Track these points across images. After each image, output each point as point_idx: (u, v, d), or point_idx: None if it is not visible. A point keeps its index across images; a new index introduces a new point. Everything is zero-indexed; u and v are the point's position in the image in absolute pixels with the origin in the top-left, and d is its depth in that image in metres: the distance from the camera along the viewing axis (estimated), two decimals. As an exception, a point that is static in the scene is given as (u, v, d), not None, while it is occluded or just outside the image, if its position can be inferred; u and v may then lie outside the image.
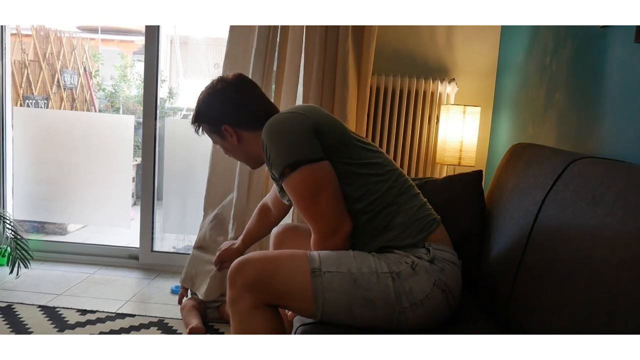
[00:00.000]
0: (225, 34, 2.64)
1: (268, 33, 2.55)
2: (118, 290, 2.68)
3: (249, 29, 2.60)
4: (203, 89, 1.63)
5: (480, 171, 1.83)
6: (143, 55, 2.88)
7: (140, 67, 5.72)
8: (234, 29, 2.60)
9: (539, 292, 1.31)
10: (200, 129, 1.64)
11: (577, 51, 1.83)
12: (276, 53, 2.60)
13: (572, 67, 1.87)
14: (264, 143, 1.42)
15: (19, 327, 2.18)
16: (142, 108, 2.94)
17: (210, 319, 2.38)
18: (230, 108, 1.56)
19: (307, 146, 1.37)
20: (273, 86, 2.64)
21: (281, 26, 2.57)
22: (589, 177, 1.28)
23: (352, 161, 1.42)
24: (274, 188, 1.85)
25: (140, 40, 8.54)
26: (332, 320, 1.35)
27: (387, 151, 2.73)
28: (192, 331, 2.21)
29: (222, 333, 2.27)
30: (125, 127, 3.10)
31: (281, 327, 1.39)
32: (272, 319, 1.36)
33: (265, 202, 1.95)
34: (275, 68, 2.64)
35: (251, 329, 1.33)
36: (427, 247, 1.39)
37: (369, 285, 1.32)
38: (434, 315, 1.37)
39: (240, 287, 1.32)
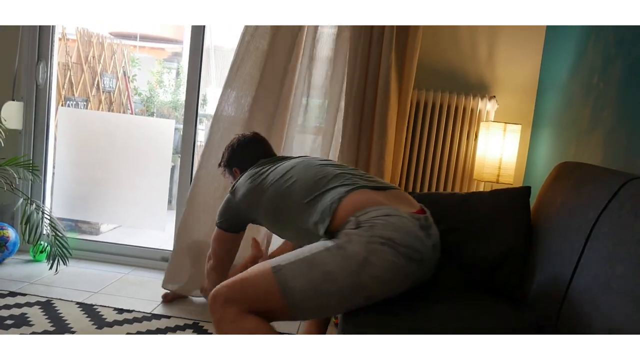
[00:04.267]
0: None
1: (310, 42, 2.60)
2: (152, 291, 2.72)
3: (285, 40, 2.64)
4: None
5: (529, 187, 1.83)
6: (173, 63, 2.94)
7: (171, 75, 5.84)
8: (274, 42, 2.64)
9: (590, 314, 1.30)
10: (226, 172, 2.26)
11: (628, 70, 1.83)
12: (317, 64, 2.66)
13: (621, 86, 1.86)
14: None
15: (59, 322, 2.22)
16: (175, 114, 3.00)
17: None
18: (234, 158, 2.20)
19: (223, 218, 2.08)
20: (304, 99, 2.69)
21: (324, 37, 2.62)
22: (648, 197, 1.28)
23: (262, 209, 1.86)
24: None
25: (171, 48, 8.72)
26: (306, 312, 1.46)
27: (425, 165, 2.74)
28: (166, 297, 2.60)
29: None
30: (165, 131, 3.16)
31: (271, 327, 1.46)
32: (260, 321, 1.45)
33: None
34: (312, 80, 2.69)
35: (244, 332, 1.42)
36: (351, 218, 1.52)
37: (323, 260, 1.44)
38: (393, 269, 1.44)
39: (220, 306, 1.46)
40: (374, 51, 2.57)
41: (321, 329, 2.02)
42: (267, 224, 1.89)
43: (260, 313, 1.45)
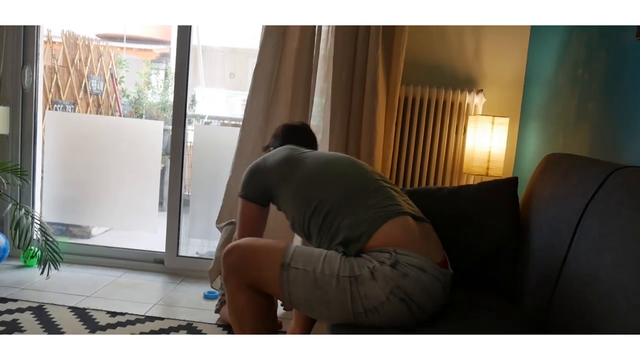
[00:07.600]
0: (241, 44, 2.68)
1: (298, 42, 2.59)
2: (145, 293, 2.71)
3: (278, 39, 2.63)
4: None
5: (516, 178, 1.84)
6: (161, 64, 2.92)
7: (160, 76, 5.82)
8: (266, 39, 2.63)
9: (580, 303, 1.32)
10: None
11: (612, 62, 1.85)
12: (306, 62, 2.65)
13: (606, 78, 1.88)
14: None
15: (51, 327, 2.21)
16: (164, 115, 2.98)
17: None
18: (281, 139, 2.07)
19: (249, 187, 1.82)
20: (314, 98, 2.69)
21: (310, 35, 2.61)
22: (633, 186, 1.29)
23: (290, 184, 1.70)
24: None
25: (158, 49, 8.65)
26: (298, 308, 1.54)
27: (414, 160, 2.75)
28: None
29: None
30: (154, 133, 3.15)
31: (260, 308, 1.58)
32: (252, 300, 1.56)
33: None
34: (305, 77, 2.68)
35: (235, 307, 1.59)
36: (391, 251, 1.44)
37: (327, 287, 1.43)
38: (392, 321, 1.43)
39: (227, 269, 1.56)
40: (360, 48, 2.57)
41: (306, 329, 2.01)
42: (285, 203, 1.73)
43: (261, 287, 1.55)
